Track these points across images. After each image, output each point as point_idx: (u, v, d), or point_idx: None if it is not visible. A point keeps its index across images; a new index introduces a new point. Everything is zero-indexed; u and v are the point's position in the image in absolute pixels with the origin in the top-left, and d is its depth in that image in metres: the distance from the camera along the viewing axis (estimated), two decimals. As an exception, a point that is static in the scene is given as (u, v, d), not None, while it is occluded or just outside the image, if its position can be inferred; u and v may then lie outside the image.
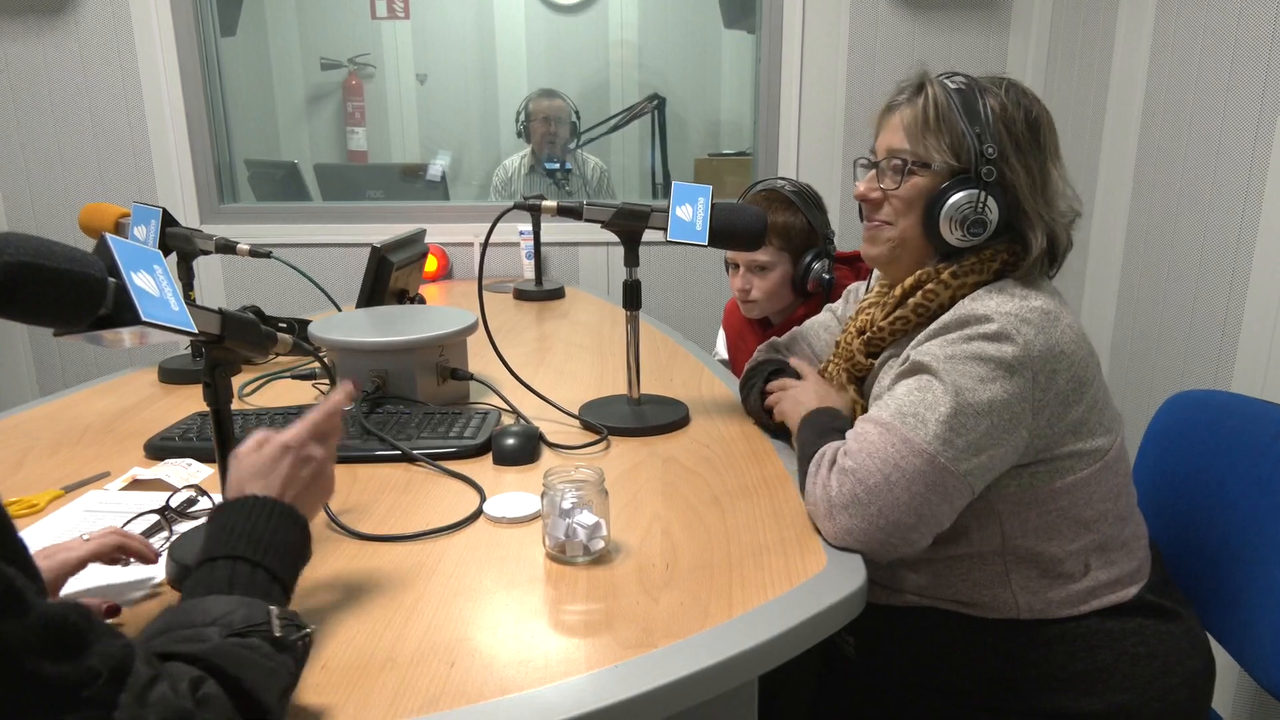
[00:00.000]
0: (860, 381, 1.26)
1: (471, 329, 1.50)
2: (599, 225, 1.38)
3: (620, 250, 1.37)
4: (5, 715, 0.48)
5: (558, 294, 2.51)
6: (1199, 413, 1.43)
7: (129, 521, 1.02)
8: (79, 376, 2.94)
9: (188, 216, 2.83)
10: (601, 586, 0.91)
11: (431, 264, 2.81)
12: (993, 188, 1.08)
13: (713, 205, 1.31)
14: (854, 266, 1.82)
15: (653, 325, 2.12)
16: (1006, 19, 2.70)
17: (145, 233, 1.62)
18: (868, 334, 1.20)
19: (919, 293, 1.14)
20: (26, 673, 0.48)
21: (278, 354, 0.96)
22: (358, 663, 0.78)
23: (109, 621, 0.76)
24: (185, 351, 1.76)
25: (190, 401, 1.54)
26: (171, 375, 1.67)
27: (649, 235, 1.36)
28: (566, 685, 0.74)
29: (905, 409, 1.02)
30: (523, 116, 3.31)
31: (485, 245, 1.41)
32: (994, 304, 1.04)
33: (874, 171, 1.17)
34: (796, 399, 1.28)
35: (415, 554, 0.98)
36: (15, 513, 1.09)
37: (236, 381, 1.63)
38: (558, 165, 3.32)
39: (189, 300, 1.68)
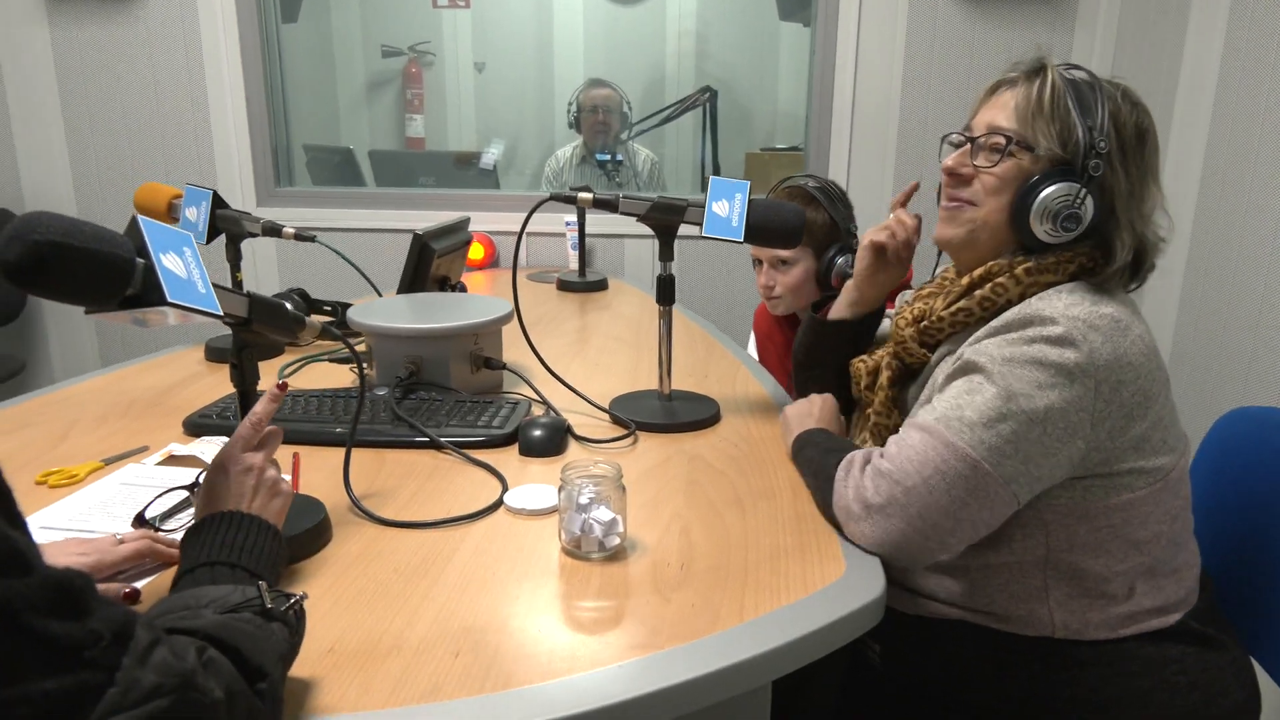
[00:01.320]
0: (906, 380, 1.21)
1: (506, 319, 1.50)
2: (635, 219, 1.37)
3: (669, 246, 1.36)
4: (11, 672, 0.48)
5: (600, 285, 2.51)
6: (1256, 430, 1.36)
7: (158, 497, 1.04)
8: (138, 350, 3.04)
9: (245, 198, 2.90)
10: (614, 584, 0.90)
11: (478, 252, 2.83)
12: (1093, 186, 1.03)
13: (750, 201, 1.29)
14: None
15: (691, 319, 2.11)
16: (1072, 14, 2.61)
17: (196, 214, 1.66)
18: (924, 323, 1.15)
19: (988, 285, 1.08)
20: (31, 630, 0.49)
21: (306, 339, 0.97)
22: (365, 647, 0.78)
23: (129, 606, 0.78)
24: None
25: (229, 381, 1.57)
26: (218, 354, 1.71)
27: (689, 230, 1.35)
28: (568, 682, 0.73)
29: (950, 411, 0.99)
30: (574, 107, 3.31)
31: (520, 235, 1.41)
32: (1061, 305, 0.99)
33: (968, 147, 1.11)
34: (801, 411, 1.27)
35: (433, 541, 0.99)
36: (55, 483, 1.13)
37: (276, 364, 1.66)
38: (609, 156, 3.31)
39: (235, 282, 1.71)
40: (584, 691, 0.72)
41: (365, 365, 1.61)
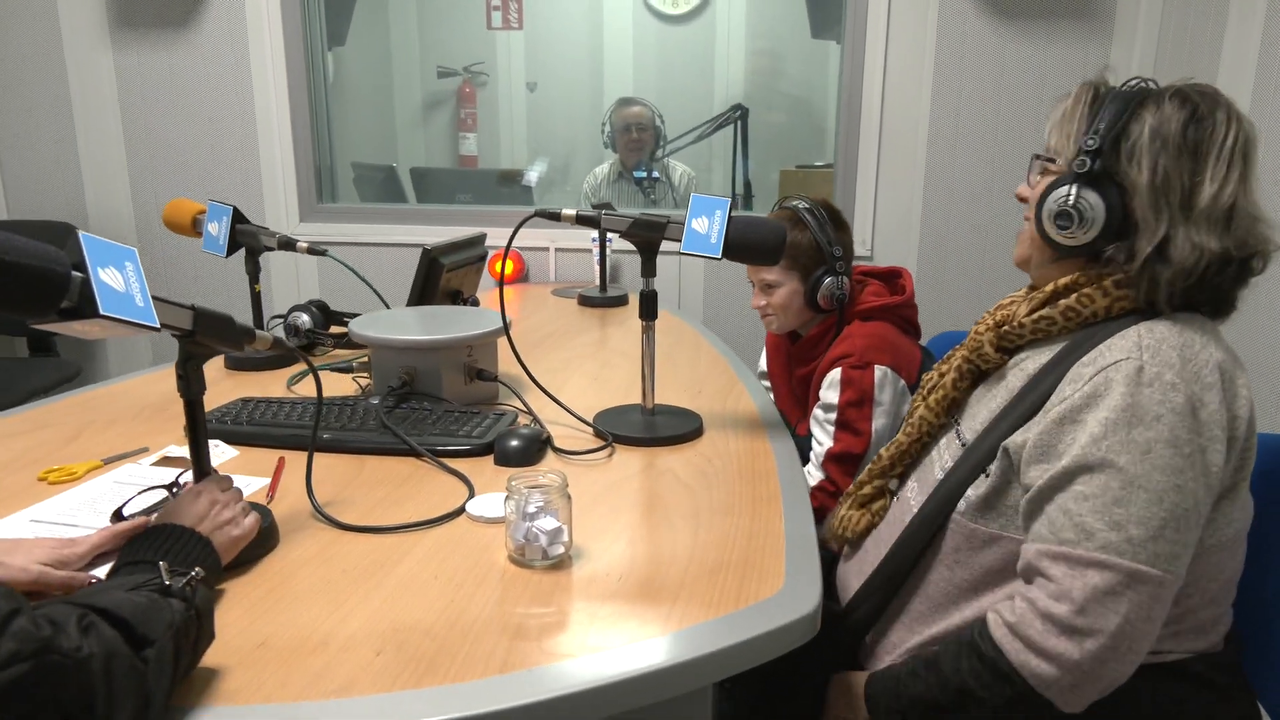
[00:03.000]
0: (976, 380, 1.17)
1: (499, 331, 1.54)
2: (618, 235, 1.40)
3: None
4: None
5: (620, 301, 2.54)
6: (1265, 459, 1.31)
7: (139, 494, 1.10)
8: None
9: (289, 214, 3.02)
10: (549, 591, 0.92)
11: (507, 267, 2.88)
12: (1101, 185, 1.00)
13: (730, 218, 1.30)
14: (891, 284, 1.77)
15: (703, 335, 2.12)
16: (1109, 29, 2.54)
17: (218, 229, 1.74)
18: (1005, 328, 1.12)
19: (1073, 295, 1.05)
20: None
21: (258, 350, 1.01)
22: (294, 643, 0.81)
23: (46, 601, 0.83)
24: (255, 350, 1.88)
25: (243, 387, 1.64)
26: (237, 362, 1.79)
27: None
28: (472, 686, 0.75)
29: (1115, 534, 0.91)
30: (607, 127, 3.36)
31: (507, 249, 1.45)
32: (1150, 344, 0.94)
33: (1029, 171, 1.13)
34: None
35: (389, 545, 1.02)
36: (54, 480, 1.20)
37: (285, 374, 1.73)
38: (644, 173, 3.35)
39: (253, 293, 1.78)
40: (483, 696, 0.74)
41: (365, 375, 1.66)
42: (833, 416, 1.63)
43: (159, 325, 0.83)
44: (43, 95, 3.01)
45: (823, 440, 1.66)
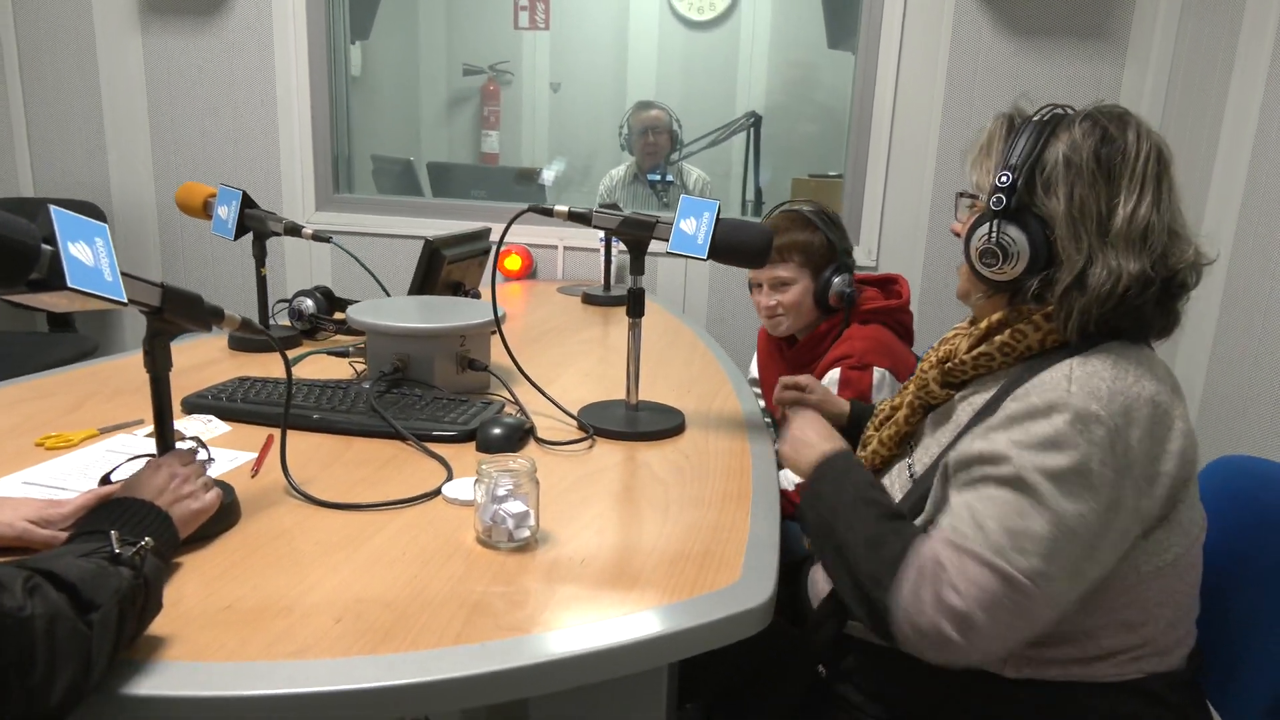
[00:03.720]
0: (928, 410, 1.19)
1: (492, 323, 1.57)
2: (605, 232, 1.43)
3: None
4: None
5: (623, 300, 2.55)
6: (1241, 481, 1.32)
7: (126, 461, 1.14)
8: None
9: (305, 202, 3.07)
10: (511, 571, 0.95)
11: (515, 263, 2.92)
12: (1020, 217, 1.01)
13: (718, 220, 1.33)
14: (886, 290, 1.79)
15: (700, 338, 2.14)
16: (1123, 49, 2.55)
17: (227, 212, 1.79)
18: (949, 364, 1.13)
19: (1007, 331, 1.06)
20: None
21: (227, 330, 1.03)
22: (259, 607, 0.85)
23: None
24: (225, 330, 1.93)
25: (245, 367, 1.69)
26: (239, 343, 1.83)
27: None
28: (424, 655, 0.78)
29: (1009, 542, 0.92)
30: (624, 129, 3.39)
31: (500, 243, 1.48)
32: (1081, 385, 0.93)
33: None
34: (799, 439, 1.21)
35: (363, 522, 1.05)
36: (50, 446, 1.24)
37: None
38: (658, 176, 3.38)
39: (259, 276, 1.82)
40: (430, 665, 0.77)
41: (361, 360, 1.70)
42: None
43: (126, 300, 0.86)
44: (73, 78, 3.08)
45: None
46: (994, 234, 1.02)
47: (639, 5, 4.35)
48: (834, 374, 1.68)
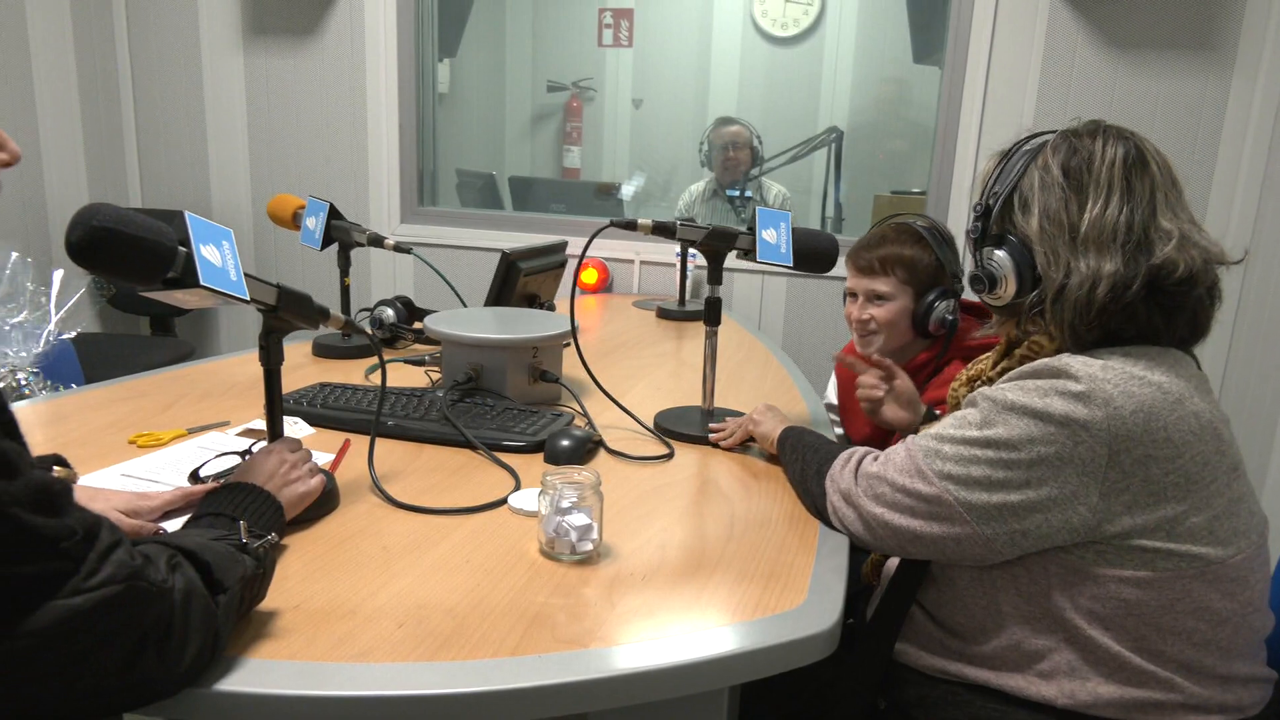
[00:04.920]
0: None
1: (565, 336, 1.58)
2: (691, 245, 1.43)
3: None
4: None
5: (699, 315, 2.54)
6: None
7: (214, 459, 1.19)
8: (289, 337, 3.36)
9: (390, 214, 3.16)
10: (572, 584, 0.94)
11: (592, 276, 2.95)
12: (1003, 241, 1.04)
13: (792, 229, 1.36)
14: (983, 320, 1.71)
15: (775, 355, 2.11)
16: (1230, 61, 2.42)
17: (315, 223, 1.85)
18: (977, 383, 1.16)
19: (1024, 344, 1.08)
20: (15, 521, 0.60)
21: (332, 329, 1.09)
22: (326, 609, 0.86)
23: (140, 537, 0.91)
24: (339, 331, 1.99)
25: (328, 373, 1.74)
26: (322, 349, 1.89)
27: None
28: (481, 665, 0.78)
29: (933, 442, 1.00)
30: (705, 145, 3.39)
31: (582, 256, 1.49)
32: (1097, 366, 0.94)
33: None
34: (772, 418, 1.36)
35: (431, 527, 1.07)
36: (142, 443, 1.30)
37: (364, 364, 1.82)
38: (738, 192, 3.37)
39: (342, 286, 1.88)
40: (480, 674, 0.77)
41: (437, 369, 1.73)
42: None
43: (249, 298, 0.92)
44: (179, 96, 3.25)
45: None
46: (979, 261, 1.06)
47: (722, 22, 4.35)
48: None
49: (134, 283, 0.88)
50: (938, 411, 1.51)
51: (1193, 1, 2.43)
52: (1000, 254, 1.04)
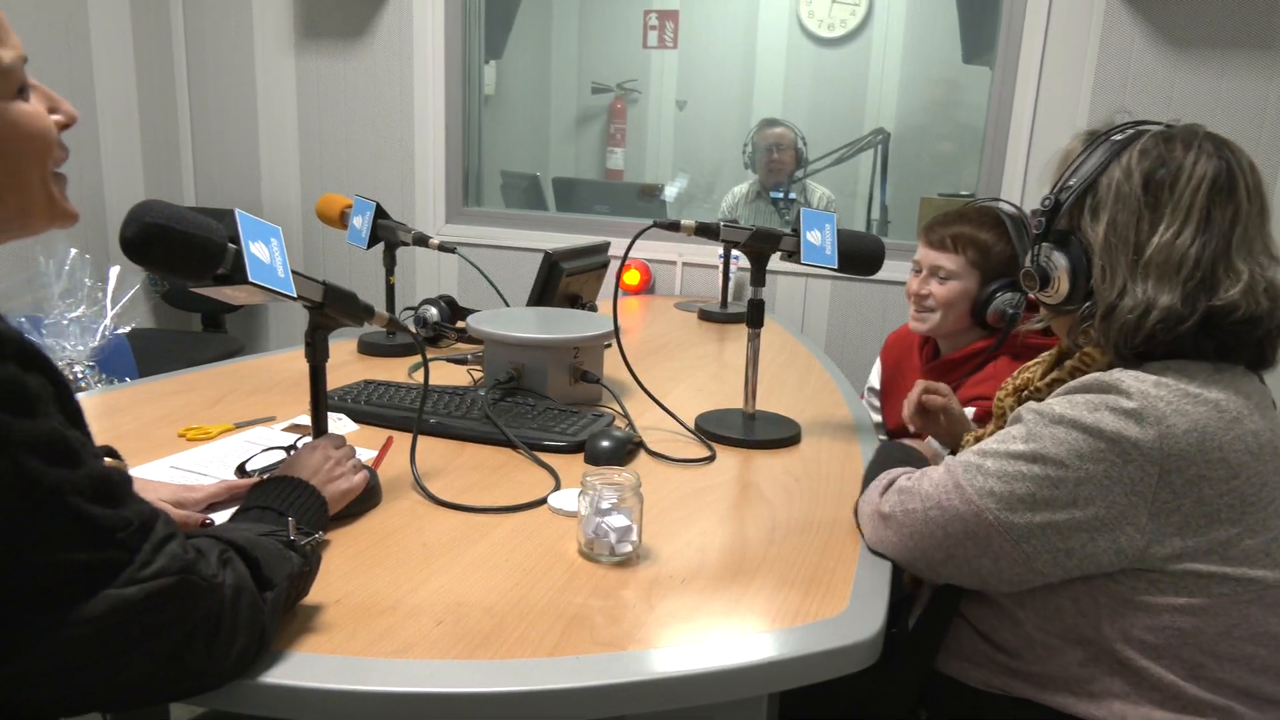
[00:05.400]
0: None
1: (608, 336, 1.58)
2: (735, 247, 1.43)
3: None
4: (55, 542, 0.61)
5: (741, 318, 2.52)
6: None
7: (260, 453, 1.21)
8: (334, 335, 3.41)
9: (436, 214, 3.20)
10: (610, 585, 0.94)
11: (634, 277, 2.94)
12: (1066, 241, 0.99)
13: (838, 231, 1.34)
14: None
15: (817, 358, 2.09)
16: (1296, 62, 2.34)
17: (361, 222, 1.87)
18: (1024, 392, 1.12)
19: (1076, 355, 1.05)
20: (74, 509, 0.62)
21: (377, 327, 1.10)
22: (366, 604, 0.87)
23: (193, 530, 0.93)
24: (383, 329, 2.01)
25: (372, 370, 1.76)
26: (367, 347, 1.91)
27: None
28: (519, 664, 0.78)
29: (974, 457, 0.96)
30: (749, 147, 3.37)
31: (625, 257, 1.49)
32: (1150, 382, 0.90)
33: None
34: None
35: (471, 525, 1.07)
36: (191, 437, 1.32)
37: (407, 362, 1.84)
38: (782, 194, 3.34)
39: (388, 285, 1.90)
40: (518, 674, 0.77)
41: (479, 368, 1.74)
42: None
43: (296, 295, 0.93)
44: (234, 96, 3.32)
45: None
46: (1036, 257, 1.02)
47: (767, 23, 4.32)
48: (968, 413, 1.57)
49: (185, 278, 0.90)
50: (972, 411, 1.50)
51: (1257, -1, 2.36)
52: (1058, 255, 1.00)
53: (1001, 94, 2.60)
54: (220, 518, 1.04)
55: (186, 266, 0.88)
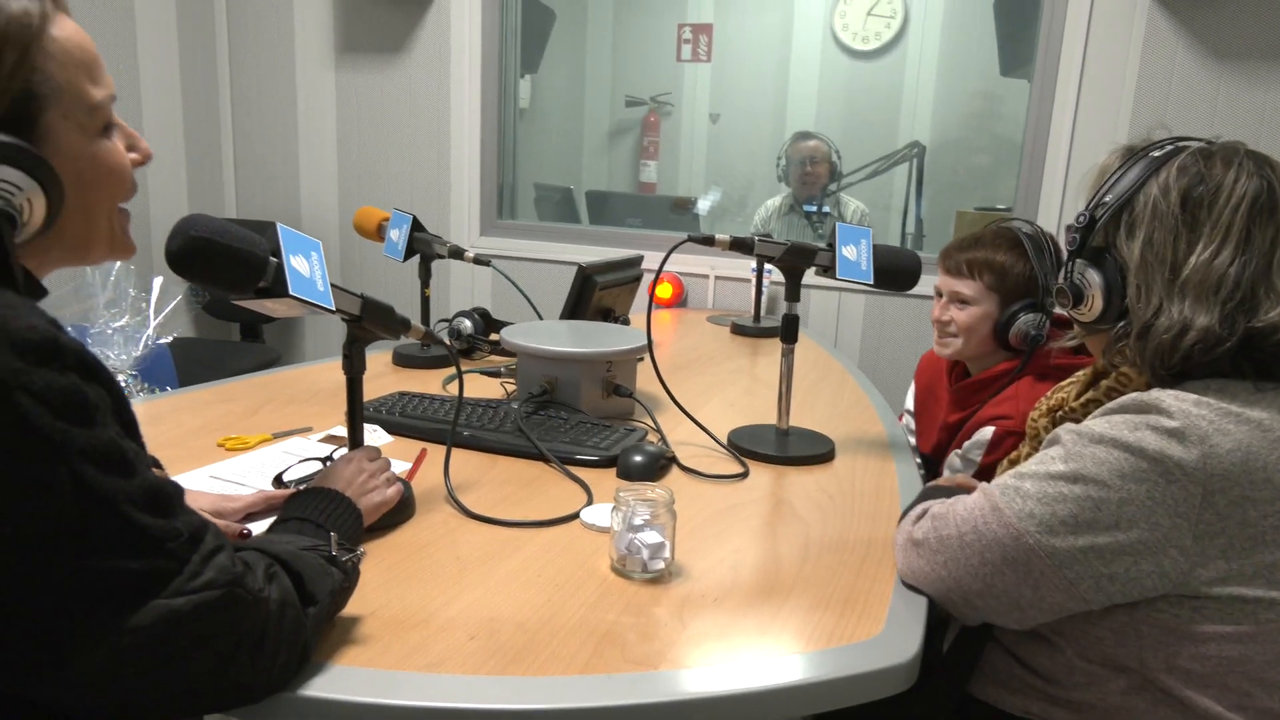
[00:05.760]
0: None
1: (641, 350, 1.58)
2: (770, 261, 1.42)
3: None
4: (107, 549, 0.62)
5: (773, 332, 2.52)
6: None
7: (298, 463, 1.22)
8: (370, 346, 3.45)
9: (470, 226, 3.22)
10: (642, 602, 0.94)
11: (666, 291, 2.94)
12: (1100, 258, 0.97)
13: (874, 246, 1.33)
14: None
15: (851, 374, 2.07)
16: (1347, 74, 2.29)
17: (398, 235, 1.89)
18: (1059, 413, 1.10)
19: (1111, 375, 1.03)
20: (128, 519, 0.63)
21: (413, 339, 1.11)
22: (400, 617, 0.87)
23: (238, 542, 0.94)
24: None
25: (406, 382, 1.77)
26: (402, 359, 1.93)
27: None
28: (550, 681, 0.78)
29: (1012, 479, 0.94)
30: (782, 160, 3.36)
31: (659, 271, 1.49)
32: (1190, 401, 0.88)
33: None
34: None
35: (504, 539, 1.07)
36: (230, 446, 1.34)
37: (441, 375, 1.85)
38: (815, 207, 3.33)
39: (423, 297, 1.92)
40: (550, 691, 0.76)
41: (512, 381, 1.75)
42: (969, 473, 1.55)
43: (335, 308, 0.94)
44: (274, 111, 3.38)
45: None
46: (1070, 273, 1.00)
47: (802, 37, 4.32)
48: (985, 433, 1.54)
49: (228, 291, 0.92)
50: (991, 431, 1.51)
51: (1305, 10, 2.31)
52: (1092, 272, 0.98)
53: (1040, 107, 2.57)
54: (258, 528, 1.05)
55: (229, 279, 0.90)
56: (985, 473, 1.52)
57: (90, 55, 0.72)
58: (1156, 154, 0.97)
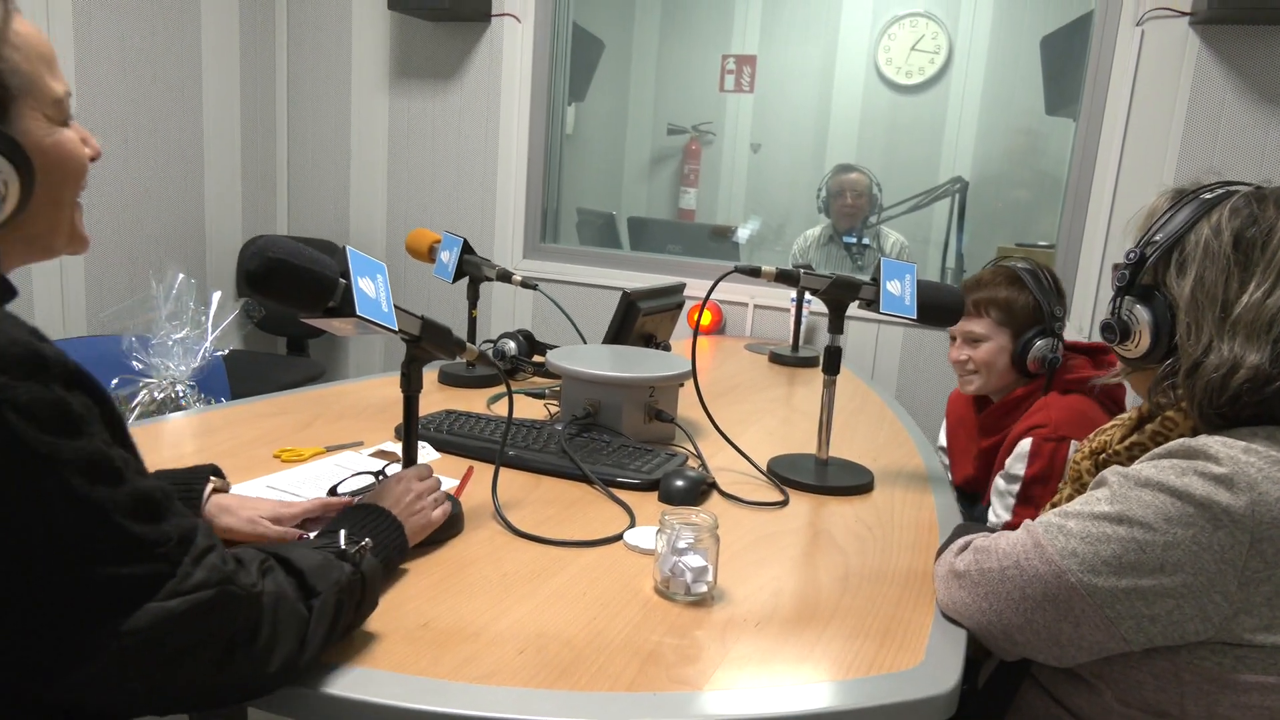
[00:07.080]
0: None
1: (684, 377, 1.61)
2: (814, 293, 1.45)
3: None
4: (98, 558, 0.64)
5: (812, 362, 2.54)
6: None
7: (351, 476, 1.26)
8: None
9: (514, 249, 3.29)
10: (686, 625, 0.96)
11: (706, 318, 2.97)
12: (1149, 296, 0.99)
13: (917, 282, 1.35)
14: (1095, 359, 1.67)
15: (889, 406, 2.08)
16: (1400, 121, 2.27)
17: (449, 257, 1.95)
18: (1102, 455, 1.11)
19: (1157, 419, 1.03)
20: (117, 527, 0.65)
21: (467, 361, 1.15)
22: (452, 628, 0.90)
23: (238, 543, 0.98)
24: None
25: (453, 401, 1.81)
26: (449, 378, 1.97)
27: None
28: (598, 697, 0.80)
29: (1056, 517, 0.95)
30: (823, 192, 3.39)
31: (705, 300, 1.52)
32: (1239, 448, 0.89)
33: None
34: None
35: (550, 557, 1.10)
36: (285, 458, 1.39)
37: (486, 394, 1.89)
38: (855, 239, 3.35)
39: (470, 318, 1.96)
40: (598, 706, 0.79)
41: (555, 403, 1.78)
42: (1015, 489, 1.56)
43: (398, 329, 0.98)
44: (329, 133, 3.49)
45: (1000, 513, 1.58)
46: (1117, 310, 1.01)
47: (845, 70, 4.35)
48: (1025, 444, 1.58)
49: (298, 309, 0.96)
50: (1029, 442, 1.55)
51: (1358, 56, 2.30)
52: (1141, 309, 1.00)
53: (1085, 147, 2.58)
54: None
55: (301, 298, 0.94)
56: (1030, 485, 1.54)
57: (50, 51, 0.75)
58: (1208, 196, 0.99)
